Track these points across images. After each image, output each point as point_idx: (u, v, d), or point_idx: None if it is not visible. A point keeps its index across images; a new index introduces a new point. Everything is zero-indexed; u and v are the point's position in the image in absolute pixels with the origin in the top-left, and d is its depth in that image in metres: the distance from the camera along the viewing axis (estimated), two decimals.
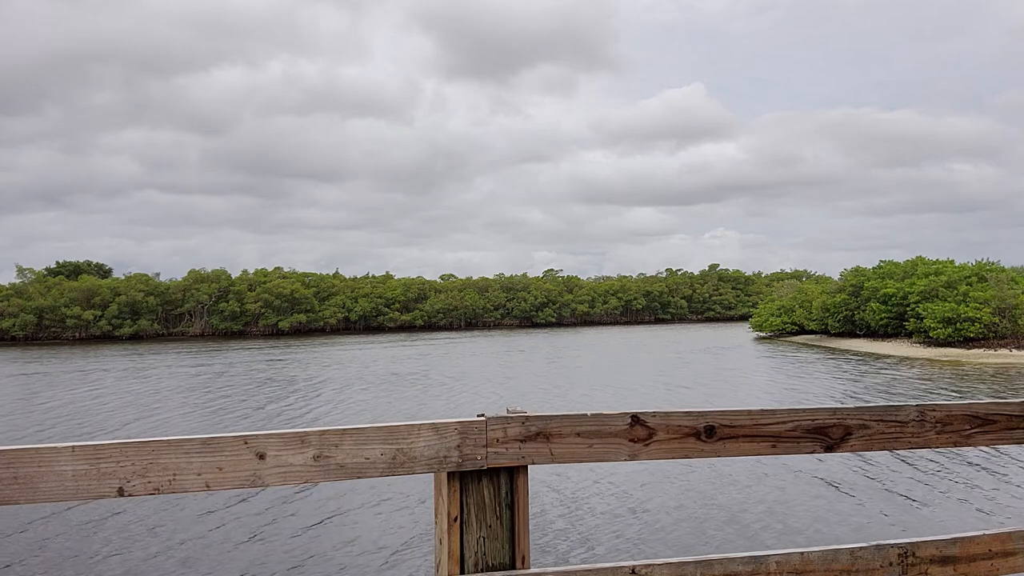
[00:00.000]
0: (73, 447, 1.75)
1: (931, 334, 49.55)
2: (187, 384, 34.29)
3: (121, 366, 46.56)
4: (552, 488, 14.02)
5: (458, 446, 1.97)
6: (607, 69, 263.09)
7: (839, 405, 2.30)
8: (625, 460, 2.11)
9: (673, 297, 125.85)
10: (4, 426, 22.51)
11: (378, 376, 37.21)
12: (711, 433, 2.14)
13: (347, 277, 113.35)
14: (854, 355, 47.03)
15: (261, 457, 1.86)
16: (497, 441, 1.99)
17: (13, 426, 22.42)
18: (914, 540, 2.27)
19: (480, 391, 30.57)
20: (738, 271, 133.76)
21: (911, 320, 52.66)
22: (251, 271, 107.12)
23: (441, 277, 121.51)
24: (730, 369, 38.94)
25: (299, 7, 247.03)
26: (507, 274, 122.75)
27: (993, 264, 56.83)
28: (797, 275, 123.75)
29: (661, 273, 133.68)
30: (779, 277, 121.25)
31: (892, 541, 2.27)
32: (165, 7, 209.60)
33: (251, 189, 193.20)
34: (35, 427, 22.16)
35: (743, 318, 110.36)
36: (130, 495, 1.78)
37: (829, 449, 2.24)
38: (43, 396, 30.15)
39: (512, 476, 2.05)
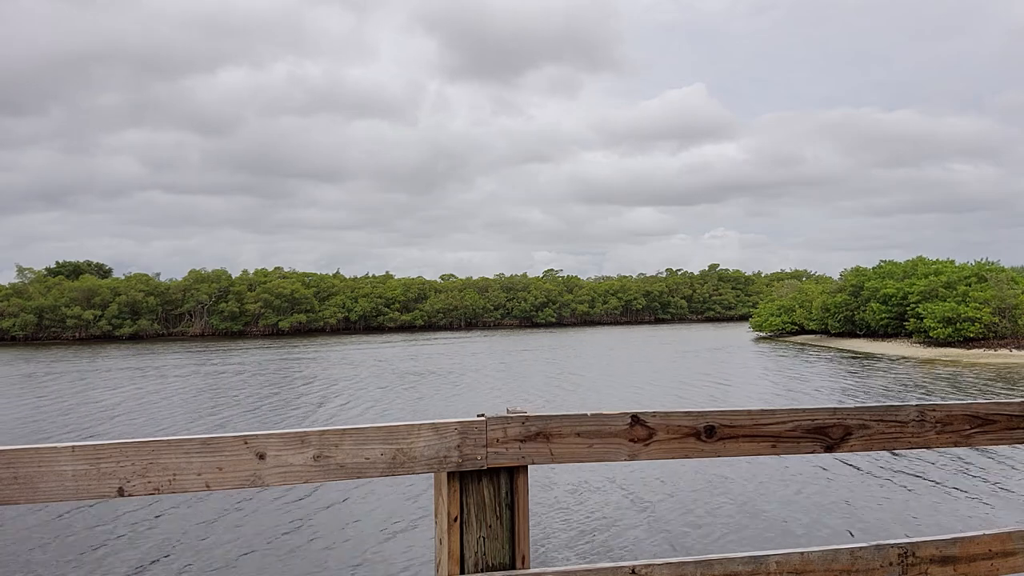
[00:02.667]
0: (73, 447, 1.75)
1: (931, 334, 49.53)
2: (221, 383, 34.27)
3: (139, 364, 46.61)
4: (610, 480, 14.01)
5: (458, 446, 1.97)
6: (609, 70, 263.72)
7: (839, 405, 2.30)
8: (625, 460, 2.11)
9: (673, 297, 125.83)
10: (81, 422, 22.55)
11: (397, 374, 37.54)
12: (711, 433, 2.15)
13: (347, 277, 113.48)
14: (854, 355, 46.99)
15: (261, 457, 1.86)
16: (497, 441, 1.99)
17: (78, 424, 22.33)
18: (914, 540, 2.27)
19: (496, 388, 31.02)
20: (738, 271, 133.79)
21: (911, 320, 52.64)
22: (251, 271, 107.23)
23: (441, 277, 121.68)
24: (731, 369, 38.92)
25: (304, 8, 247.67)
26: (507, 274, 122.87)
27: (993, 264, 56.80)
28: (797, 275, 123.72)
29: (661, 273, 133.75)
30: (779, 277, 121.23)
31: (892, 541, 2.27)
32: (168, 8, 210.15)
33: (252, 189, 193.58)
34: (108, 422, 22.45)
35: (743, 318, 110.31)
36: (130, 495, 1.78)
37: (829, 449, 2.25)
38: (96, 394, 30.20)
39: (512, 476, 2.05)
